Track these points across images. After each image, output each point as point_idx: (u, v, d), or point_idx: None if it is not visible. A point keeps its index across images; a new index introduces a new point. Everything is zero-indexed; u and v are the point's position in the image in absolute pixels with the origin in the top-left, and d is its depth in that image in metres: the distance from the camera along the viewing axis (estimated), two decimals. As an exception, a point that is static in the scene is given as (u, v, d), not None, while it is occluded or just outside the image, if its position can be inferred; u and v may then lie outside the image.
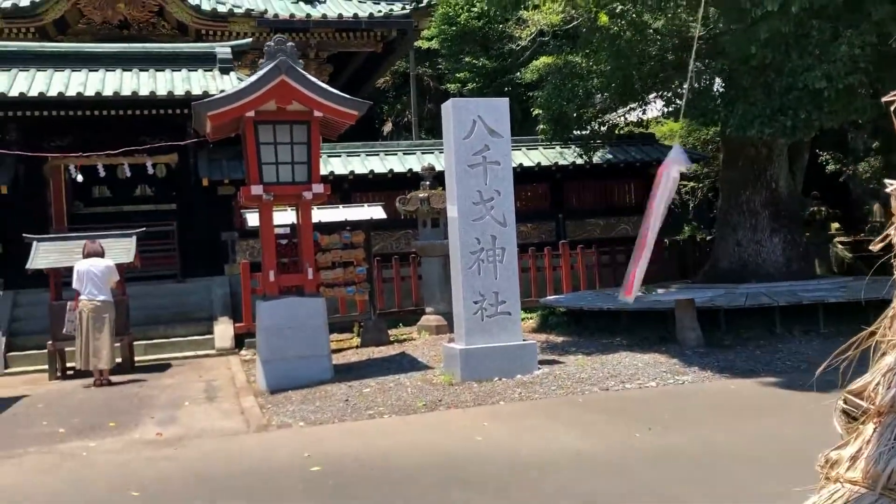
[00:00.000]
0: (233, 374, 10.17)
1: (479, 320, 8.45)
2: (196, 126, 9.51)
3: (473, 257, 8.45)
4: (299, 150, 9.02)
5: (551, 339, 10.66)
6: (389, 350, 10.95)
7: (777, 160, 11.66)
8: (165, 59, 13.72)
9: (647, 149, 16.09)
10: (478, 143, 8.50)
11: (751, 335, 9.94)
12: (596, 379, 8.02)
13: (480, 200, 8.50)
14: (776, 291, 10.67)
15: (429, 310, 12.49)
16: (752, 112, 9.36)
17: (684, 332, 9.39)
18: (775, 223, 11.59)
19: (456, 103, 8.53)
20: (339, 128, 9.56)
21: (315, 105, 8.83)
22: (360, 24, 18.68)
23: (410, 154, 15.06)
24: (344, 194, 14.47)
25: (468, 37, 17.36)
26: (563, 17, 15.02)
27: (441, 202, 12.08)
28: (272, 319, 8.89)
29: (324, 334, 9.05)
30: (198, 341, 12.38)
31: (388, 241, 14.91)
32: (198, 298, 13.28)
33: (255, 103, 8.64)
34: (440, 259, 12.43)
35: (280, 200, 9.15)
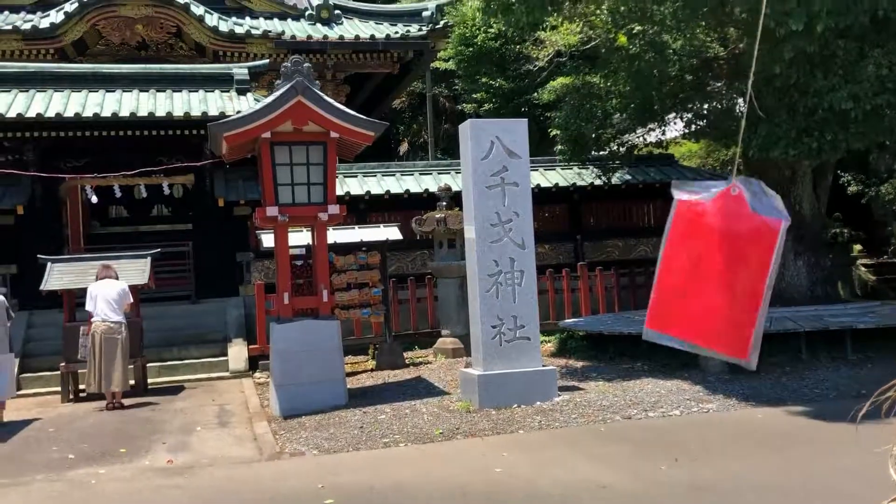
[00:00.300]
0: (246, 398, 10.02)
1: (497, 345, 8.27)
2: (212, 147, 9.44)
3: (491, 280, 8.28)
4: (315, 170, 8.91)
5: (571, 364, 10.45)
6: (405, 374, 10.76)
7: (801, 182, 11.43)
8: (182, 79, 13.70)
9: (666, 170, 15.90)
10: (496, 164, 8.36)
11: (776, 361, 9.68)
12: (618, 406, 7.80)
13: (499, 222, 8.34)
14: (801, 316, 10.41)
15: (445, 332, 12.31)
16: (776, 133, 9.17)
17: (707, 359, 9.14)
18: (799, 246, 11.33)
19: (474, 124, 8.40)
20: (355, 148, 9.45)
21: (331, 126, 8.73)
22: (377, 45, 18.68)
23: (427, 174, 14.94)
24: (360, 215, 14.35)
25: (485, 58, 17.28)
26: (580, 38, 14.94)
27: (458, 223, 11.93)
28: (286, 342, 8.74)
29: (338, 358, 8.89)
30: (212, 363, 12.25)
31: (403, 261, 14.78)
32: (212, 320, 13.17)
33: (272, 124, 8.55)
34: (457, 280, 12.27)
35: (295, 222, 9.04)
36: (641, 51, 10.07)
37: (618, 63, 10.70)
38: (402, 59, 19.60)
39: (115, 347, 9.65)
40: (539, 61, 14.96)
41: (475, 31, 16.96)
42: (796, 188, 11.43)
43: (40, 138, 12.65)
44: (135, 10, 16.91)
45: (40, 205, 13.36)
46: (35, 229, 13.21)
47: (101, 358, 9.60)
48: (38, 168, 12.76)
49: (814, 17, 8.29)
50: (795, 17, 8.29)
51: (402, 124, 31.22)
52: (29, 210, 13.10)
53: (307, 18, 19.06)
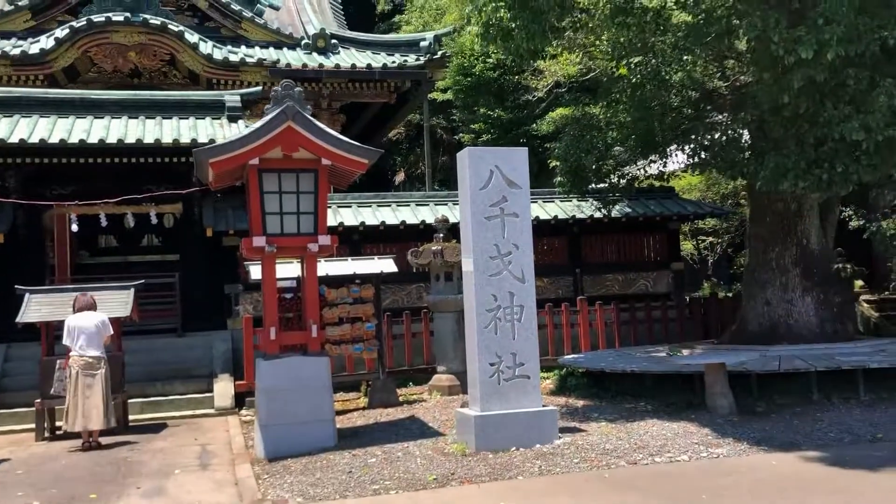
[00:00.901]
0: (230, 438, 9.54)
1: (495, 384, 7.83)
2: (198, 174, 9.07)
3: (490, 315, 7.87)
4: (306, 199, 8.54)
5: (571, 403, 10.00)
6: (398, 413, 10.29)
7: (808, 215, 11.09)
8: (173, 106, 13.40)
9: (666, 203, 15.57)
10: (495, 193, 7.99)
11: (786, 402, 9.25)
12: (622, 451, 7.34)
13: (498, 254, 7.95)
14: (811, 355, 10.00)
15: (441, 368, 11.86)
16: (784, 164, 8.84)
17: (715, 399, 8.72)
18: (807, 282, 10.96)
19: (472, 152, 8.05)
20: (348, 177, 9.09)
21: (323, 153, 8.38)
22: (373, 74, 18.46)
23: (423, 205, 14.59)
24: (354, 246, 13.97)
25: (483, 88, 17.07)
26: (579, 69, 14.73)
27: (455, 255, 11.55)
28: (272, 380, 8.29)
29: (327, 397, 8.44)
30: (197, 399, 11.77)
31: (398, 294, 14.36)
32: (198, 354, 12.71)
33: (260, 150, 8.19)
34: (453, 315, 11.85)
35: (284, 253, 8.64)
36: (644, 80, 9.75)
37: (619, 93, 10.41)
38: (399, 88, 19.38)
39: (94, 383, 9.19)
40: (538, 91, 14.72)
41: (473, 61, 16.77)
42: (803, 222, 11.09)
43: (24, 164, 12.29)
44: (128, 38, 16.64)
45: (23, 233, 12.96)
46: (17, 258, 12.79)
47: (79, 394, 9.14)
48: (22, 195, 12.38)
49: (823, 45, 8.02)
50: (805, 44, 8.02)
51: (399, 155, 30.99)
52: (10, 238, 12.69)
53: (303, 48, 18.86)
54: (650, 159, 12.88)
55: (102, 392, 9.25)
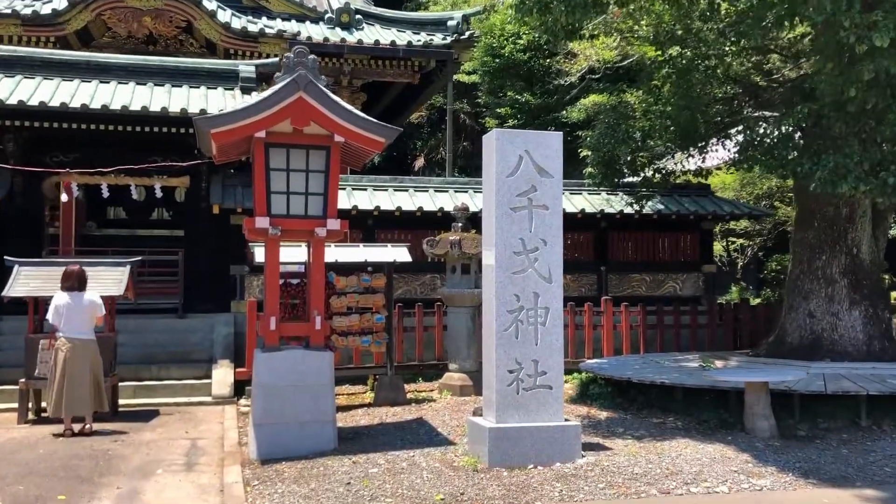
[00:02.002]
0: (224, 432, 8.85)
1: (513, 393, 7.06)
2: (200, 145, 8.33)
3: (511, 317, 7.09)
4: (315, 179, 7.78)
5: (593, 415, 9.21)
6: (405, 413, 9.56)
7: (860, 222, 10.21)
8: (184, 74, 12.67)
9: (701, 201, 14.69)
10: (524, 182, 7.19)
11: (831, 427, 8.43)
12: (653, 476, 6.56)
13: (523, 250, 7.16)
14: (858, 375, 9.16)
15: (453, 366, 11.11)
16: (845, 165, 7.98)
17: (755, 420, 7.91)
18: (855, 294, 10.09)
19: (500, 135, 7.25)
20: (363, 157, 8.32)
21: (336, 128, 7.60)
22: (397, 52, 17.64)
23: (442, 192, 13.80)
24: (367, 231, 13.22)
25: (512, 70, 16.21)
26: (617, 53, 13.85)
27: (474, 247, 10.77)
28: (270, 375, 7.57)
29: (329, 396, 7.70)
30: (194, 386, 11.10)
31: (411, 284, 13.61)
32: (198, 337, 12.03)
33: (267, 122, 7.43)
34: (469, 310, 11.10)
35: (289, 236, 7.89)
36: (691, 67, 8.91)
37: (663, 80, 9.54)
38: (423, 68, 18.55)
39: (81, 368, 8.52)
40: (571, 76, 13.85)
41: (503, 42, 15.92)
42: (854, 229, 10.20)
43: (23, 128, 11.59)
44: (143, 2, 15.96)
45: (20, 201, 12.29)
46: (13, 227, 12.14)
47: (64, 379, 8.47)
48: (20, 161, 11.70)
49: (902, 32, 7.13)
50: (881, 30, 7.14)
51: (420, 139, 30.19)
52: (6, 206, 12.03)
53: (326, 22, 18.06)
54: (688, 154, 12.05)
55: (90, 379, 8.58)
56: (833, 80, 7.78)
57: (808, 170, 8.43)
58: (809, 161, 8.49)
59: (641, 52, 13.18)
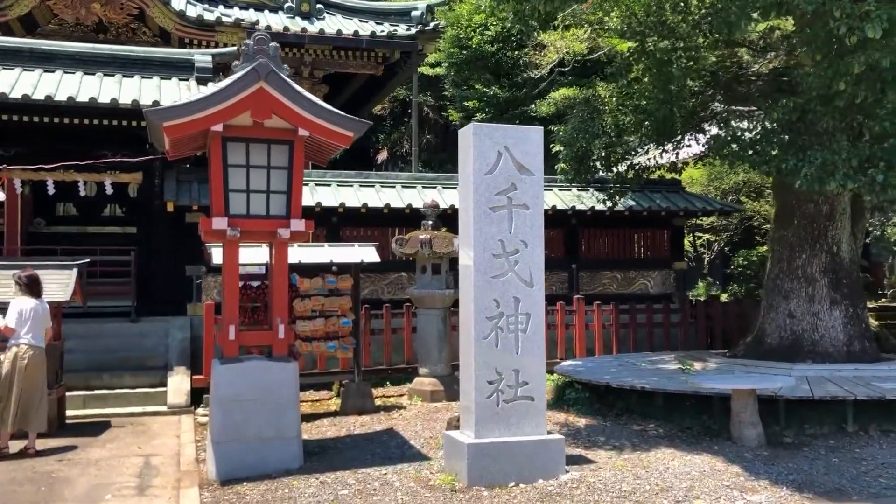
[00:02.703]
0: (180, 446, 8.27)
1: (493, 406, 6.61)
2: (152, 140, 7.72)
3: (490, 324, 6.63)
4: (278, 176, 7.23)
5: (572, 422, 8.81)
6: (374, 422, 9.07)
7: (840, 220, 9.95)
8: (135, 63, 11.97)
9: (672, 197, 14.41)
10: (503, 180, 6.74)
11: (817, 433, 8.14)
12: (643, 494, 6.16)
13: (502, 252, 6.72)
14: (842, 377, 8.90)
15: (423, 371, 10.64)
16: (833, 161, 7.66)
17: (742, 429, 7.57)
18: (835, 293, 9.84)
19: (478, 129, 6.77)
20: (329, 152, 7.79)
21: (300, 121, 7.06)
22: (360, 42, 17.06)
23: (410, 187, 13.29)
24: (331, 229, 12.67)
25: (479, 63, 15.74)
26: (587, 46, 13.47)
27: (445, 246, 10.31)
28: (229, 389, 7.01)
29: (294, 410, 7.18)
30: (148, 394, 10.47)
31: (378, 284, 13.10)
32: (153, 342, 11.39)
33: (225, 115, 6.85)
34: (440, 312, 10.64)
35: (249, 237, 7.33)
36: (671, 58, 8.54)
37: (643, 72, 9.14)
38: (387, 60, 17.99)
39: (31, 379, 7.86)
40: (541, 69, 13.43)
41: (470, 33, 15.42)
42: (835, 227, 9.95)
43: (-42, 121, 10.83)
44: (92, -13, 15.16)
45: (-42, 198, 11.51)
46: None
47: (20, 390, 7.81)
48: (-44, 155, 10.94)
49: (895, 23, 6.82)
50: (874, 21, 6.81)
51: (383, 132, 29.60)
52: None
53: (286, 11, 17.41)
54: (662, 149, 11.73)
55: (40, 392, 7.94)
56: (821, 73, 7.45)
57: (793, 166, 8.10)
58: (794, 157, 8.16)
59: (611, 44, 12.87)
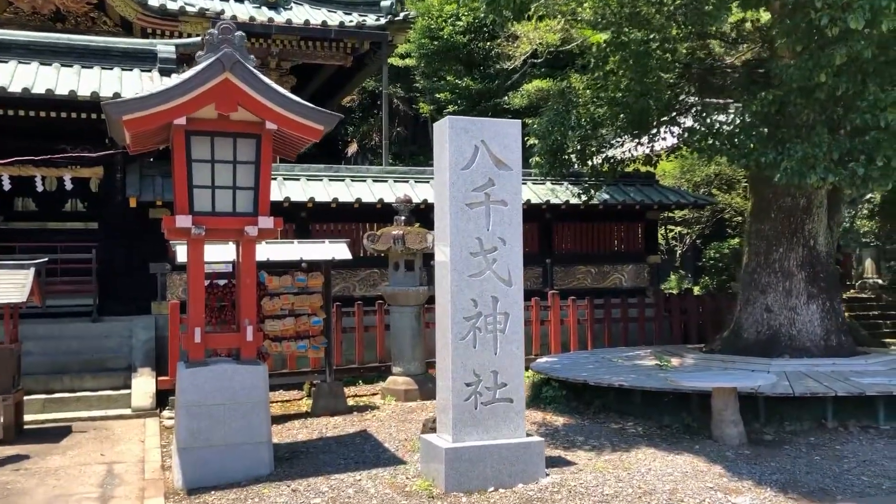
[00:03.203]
0: (145, 452, 7.95)
1: (471, 408, 6.39)
2: (112, 134, 7.36)
3: (468, 325, 6.41)
4: (244, 171, 6.93)
5: (549, 421, 8.63)
6: (347, 424, 8.81)
7: (817, 213, 9.88)
8: (95, 54, 11.53)
9: (646, 190, 14.30)
10: (480, 175, 6.50)
11: (797, 429, 8.05)
12: (626, 498, 5.99)
13: (480, 250, 6.49)
14: (820, 373, 8.83)
15: (396, 370, 10.40)
16: (814, 154, 7.54)
17: (723, 427, 7.44)
18: (813, 287, 9.78)
19: (454, 123, 6.53)
20: (298, 145, 7.49)
21: (268, 114, 6.76)
22: (329, 33, 16.68)
23: (381, 181, 13.01)
24: (300, 225, 12.36)
25: (450, 54, 15.48)
26: (560, 37, 13.29)
27: (418, 242, 10.07)
28: (196, 393, 6.71)
29: (264, 414, 6.90)
30: (111, 397, 10.12)
31: (349, 280, 12.82)
32: (116, 343, 11.01)
33: (188, 107, 6.54)
34: (413, 309, 10.40)
35: (215, 235, 7.02)
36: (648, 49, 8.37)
37: (619, 63, 8.96)
38: (356, 50, 17.64)
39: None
40: (514, 60, 13.21)
41: (441, 24, 15.14)
42: (811, 221, 9.87)
43: None
44: (49, -26, 14.64)
45: None
46: None
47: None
48: None
49: (878, 14, 6.70)
50: (856, 11, 6.68)
51: (352, 125, 29.20)
52: None
53: (252, 0, 16.97)
54: (637, 142, 11.59)
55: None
56: (802, 65, 7.32)
57: (772, 160, 7.99)
58: (773, 151, 8.05)
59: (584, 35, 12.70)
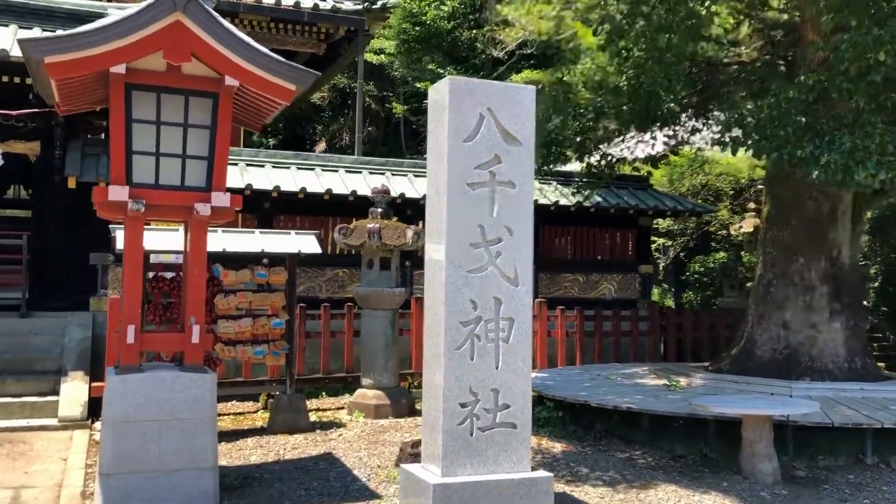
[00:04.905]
0: (65, 472, 6.64)
1: (466, 434, 5.20)
2: (38, 87, 6.07)
3: (465, 331, 5.23)
4: (197, 136, 5.70)
5: (546, 448, 7.47)
6: (309, 445, 7.57)
7: (842, 220, 8.91)
8: (36, 14, 10.19)
9: (640, 194, 13.26)
10: (484, 150, 5.34)
11: (831, 465, 7.01)
12: (656, 551, 4.86)
13: (482, 241, 5.33)
14: (850, 399, 7.81)
15: (366, 381, 9.18)
16: (865, 147, 6.53)
17: (756, 462, 6.35)
18: (836, 303, 8.78)
19: (455, 85, 5.35)
20: (265, 111, 6.26)
21: (228, 67, 5.54)
22: (301, 15, 15.44)
23: (355, 172, 11.78)
24: (263, 216, 11.07)
25: (433, 41, 14.35)
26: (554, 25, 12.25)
27: (396, 237, 8.88)
28: (126, 406, 5.44)
29: (209, 434, 5.63)
30: (36, 405, 8.74)
31: (315, 280, 11.55)
32: (46, 342, 9.62)
33: (128, 53, 5.29)
34: (388, 314, 9.21)
35: (158, 213, 5.77)
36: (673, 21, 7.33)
37: (637, 38, 7.87)
38: (330, 37, 16.41)
39: None
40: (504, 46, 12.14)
41: (424, 7, 14.00)
42: (835, 228, 8.89)
43: None
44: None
45: None
46: None
47: None
48: None
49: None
50: (930, -23, 5.67)
51: (321, 123, 27.94)
52: None
53: (219, -23, 15.67)
54: (639, 139, 10.57)
55: None
56: (859, 40, 6.29)
57: (810, 153, 6.94)
58: (811, 143, 7.01)
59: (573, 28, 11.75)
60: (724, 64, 10.44)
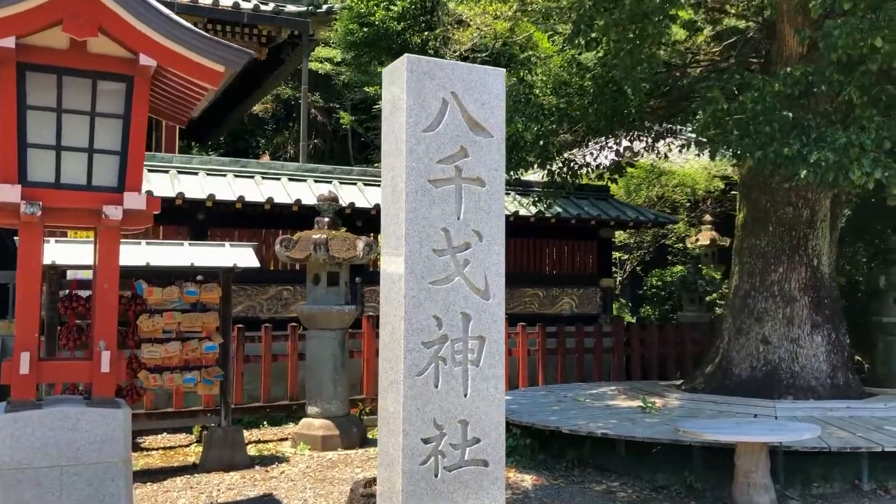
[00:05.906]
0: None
1: (429, 476, 4.39)
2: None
3: (428, 353, 4.42)
4: (107, 127, 4.80)
5: (515, 482, 6.68)
6: (246, 484, 6.65)
7: (821, 227, 8.39)
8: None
9: (601, 204, 12.67)
10: (448, 141, 4.57)
11: (826, 492, 6.38)
12: None
13: (447, 247, 4.53)
14: (838, 418, 7.23)
15: (312, 409, 8.29)
16: (861, 143, 5.96)
17: (752, 493, 5.66)
18: (817, 315, 8.23)
19: (414, 64, 4.57)
20: (189, 100, 5.38)
21: (145, 45, 4.67)
22: (241, 17, 14.53)
23: (299, 181, 10.90)
24: (196, 228, 10.12)
25: (382, 43, 13.62)
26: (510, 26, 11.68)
27: (345, 249, 8.05)
28: (18, 449, 4.48)
29: (121, 481, 4.70)
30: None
31: (255, 299, 10.61)
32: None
33: (19, 23, 4.39)
34: (337, 334, 8.35)
35: (60, 217, 4.83)
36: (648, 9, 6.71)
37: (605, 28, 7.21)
38: (272, 40, 15.52)
39: None
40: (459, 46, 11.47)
41: (373, 7, 13.27)
42: (815, 236, 8.36)
43: None
44: None
45: None
46: None
47: None
48: None
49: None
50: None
51: (264, 136, 27.00)
52: None
53: (153, -23, 14.71)
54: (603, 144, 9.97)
55: None
56: (855, 24, 5.73)
57: (797, 151, 6.36)
58: (798, 140, 6.43)
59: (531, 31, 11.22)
60: (692, 64, 9.96)
